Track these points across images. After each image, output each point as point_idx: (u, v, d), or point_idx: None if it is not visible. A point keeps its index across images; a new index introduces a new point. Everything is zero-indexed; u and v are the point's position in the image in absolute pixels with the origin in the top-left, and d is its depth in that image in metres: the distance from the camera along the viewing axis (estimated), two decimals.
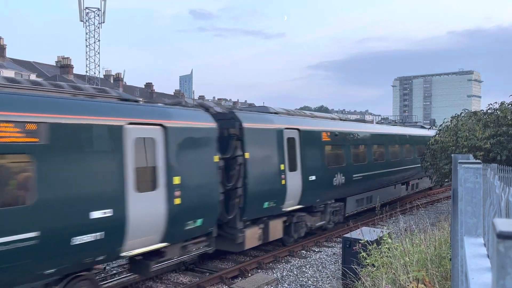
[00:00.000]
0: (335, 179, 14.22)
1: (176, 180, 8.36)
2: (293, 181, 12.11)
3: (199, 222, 8.94)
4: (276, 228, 11.89)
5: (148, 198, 7.81)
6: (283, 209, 11.87)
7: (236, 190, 10.39)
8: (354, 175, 15.51)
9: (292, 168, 12.16)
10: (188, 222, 8.67)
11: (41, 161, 6.14)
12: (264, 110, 13.04)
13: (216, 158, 9.59)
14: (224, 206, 10.18)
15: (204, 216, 9.12)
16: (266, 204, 11.09)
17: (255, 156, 10.76)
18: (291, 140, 12.24)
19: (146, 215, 7.75)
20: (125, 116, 7.50)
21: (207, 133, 9.48)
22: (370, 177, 16.82)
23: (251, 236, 10.95)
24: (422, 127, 28.56)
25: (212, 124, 9.68)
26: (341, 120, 17.03)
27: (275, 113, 12.83)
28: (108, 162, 7.19)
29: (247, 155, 10.50)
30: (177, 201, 8.31)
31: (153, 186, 8.01)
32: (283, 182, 11.64)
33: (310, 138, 13.17)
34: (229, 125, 10.54)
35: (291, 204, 12.18)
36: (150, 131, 7.99)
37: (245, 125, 10.65)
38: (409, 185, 21.73)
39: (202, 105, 10.78)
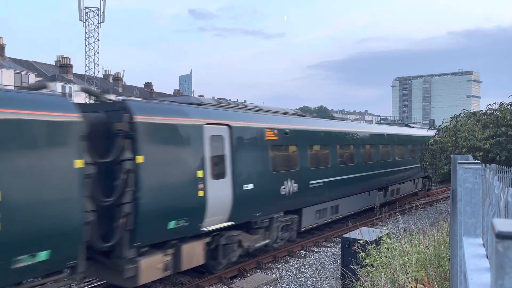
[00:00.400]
0: (283, 187, 11.71)
1: None
2: (219, 192, 9.54)
3: (43, 255, 6.29)
4: (194, 253, 9.29)
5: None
6: (203, 229, 9.27)
7: (122, 206, 7.67)
8: (312, 182, 13.12)
9: (218, 175, 9.62)
10: (16, 259, 5.94)
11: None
12: (183, 100, 10.58)
13: (79, 163, 6.81)
14: (98, 229, 7.56)
15: (53, 246, 6.40)
16: (172, 224, 8.45)
17: (154, 160, 8.09)
18: (216, 139, 9.70)
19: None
20: None
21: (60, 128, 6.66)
22: (335, 183, 14.46)
23: (150, 267, 8.31)
24: (407, 125, 26.67)
25: (70, 115, 6.81)
26: (298, 116, 14.20)
27: (198, 104, 10.18)
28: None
29: (140, 158, 7.84)
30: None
31: None
32: (200, 193, 8.99)
33: (247, 136, 10.63)
34: (116, 119, 7.94)
35: (216, 221, 9.61)
36: None
37: (138, 118, 7.91)
38: (387, 191, 19.49)
39: (86, 90, 8.81)
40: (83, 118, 7.00)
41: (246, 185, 10.34)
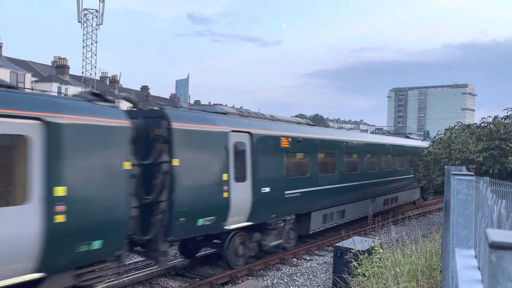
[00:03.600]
0: (296, 191, 12.63)
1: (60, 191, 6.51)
2: (241, 194, 10.38)
3: (97, 244, 7.12)
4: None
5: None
6: (226, 227, 10.20)
7: (159, 204, 8.63)
8: (320, 187, 13.96)
9: (240, 178, 10.50)
10: (76, 245, 6.80)
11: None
12: (210, 109, 11.28)
13: (127, 165, 7.61)
14: (139, 224, 8.40)
15: (105, 237, 7.24)
16: (201, 221, 9.35)
17: (187, 163, 9.01)
18: (239, 145, 10.60)
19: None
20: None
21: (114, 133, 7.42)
22: (340, 189, 15.29)
23: None
24: (407, 136, 27.30)
25: (122, 122, 7.59)
26: (308, 125, 15.15)
27: (223, 113, 11.03)
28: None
29: (175, 161, 8.74)
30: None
31: None
32: (225, 194, 9.85)
33: (265, 143, 11.49)
34: (155, 125, 8.84)
35: (237, 221, 10.51)
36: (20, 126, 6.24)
37: (175, 125, 8.85)
38: (388, 199, 20.56)
39: (126, 98, 9.20)
40: (131, 124, 7.79)
41: (264, 188, 11.23)
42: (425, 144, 25.24)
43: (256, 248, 11.72)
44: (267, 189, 11.25)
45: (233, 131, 10.34)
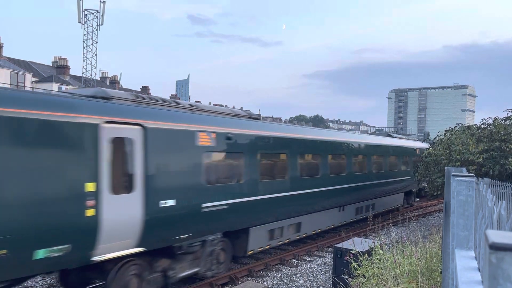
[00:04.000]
0: (221, 202, 9.82)
1: None
2: (122, 210, 7.57)
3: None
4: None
5: None
6: (96, 258, 7.32)
7: None
8: (262, 196, 11.22)
9: (122, 188, 7.70)
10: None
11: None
12: (83, 92, 8.56)
13: None
14: None
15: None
16: (41, 253, 6.51)
17: (10, 167, 6.24)
18: (122, 143, 7.77)
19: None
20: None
21: None
22: (293, 198, 12.50)
23: None
24: (389, 135, 25.08)
25: None
26: (251, 118, 12.18)
27: (104, 98, 8.15)
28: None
29: None
30: None
31: None
32: (89, 212, 7.03)
33: (170, 140, 8.68)
34: None
35: (118, 247, 7.65)
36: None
37: None
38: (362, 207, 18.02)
39: None
40: None
41: (164, 201, 8.55)
42: (413, 143, 24.94)
43: (161, 280, 8.92)
44: (170, 202, 8.48)
45: (109, 121, 7.48)
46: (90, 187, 7.08)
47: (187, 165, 9.04)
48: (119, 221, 7.52)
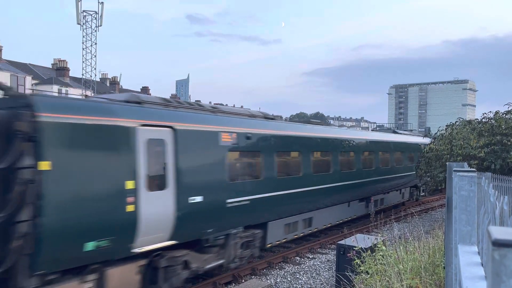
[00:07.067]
0: (243, 198, 10.33)
1: None
2: (157, 206, 8.12)
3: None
4: (125, 279, 7.92)
5: None
6: (135, 250, 7.83)
7: (16, 226, 6.27)
8: (279, 192, 11.75)
9: (157, 186, 8.23)
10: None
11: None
12: (118, 98, 8.97)
13: None
14: None
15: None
16: (90, 245, 7.00)
17: (65, 168, 6.66)
18: (156, 144, 8.33)
19: None
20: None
21: None
22: (308, 193, 13.05)
23: None
24: (394, 131, 25.19)
25: None
26: (266, 119, 12.73)
27: (137, 102, 8.70)
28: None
29: (45, 165, 6.42)
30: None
31: None
32: (130, 208, 7.54)
33: (197, 140, 9.23)
34: (15, 117, 6.46)
35: (153, 241, 8.19)
36: None
37: (45, 116, 6.51)
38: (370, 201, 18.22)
39: None
40: None
41: (193, 197, 9.09)
42: (418, 139, 24.81)
43: (186, 273, 9.21)
44: (198, 198, 9.00)
45: (145, 125, 8.02)
46: (130, 185, 7.65)
47: (212, 163, 9.63)
48: (155, 216, 8.07)
